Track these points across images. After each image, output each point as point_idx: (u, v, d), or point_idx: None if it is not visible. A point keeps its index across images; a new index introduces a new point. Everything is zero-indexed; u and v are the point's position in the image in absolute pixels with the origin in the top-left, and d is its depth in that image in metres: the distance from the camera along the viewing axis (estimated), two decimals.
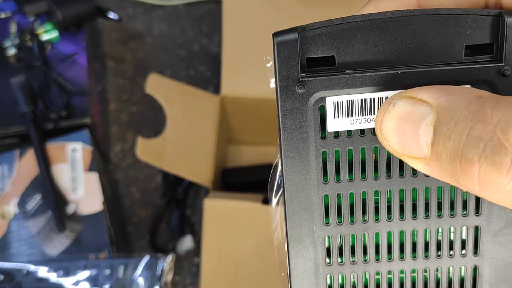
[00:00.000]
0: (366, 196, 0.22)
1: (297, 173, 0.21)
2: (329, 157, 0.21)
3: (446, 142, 0.18)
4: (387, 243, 0.22)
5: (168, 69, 0.63)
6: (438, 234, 0.22)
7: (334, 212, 0.22)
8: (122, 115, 0.61)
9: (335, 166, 0.21)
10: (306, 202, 0.22)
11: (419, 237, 0.22)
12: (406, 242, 0.22)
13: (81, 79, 0.56)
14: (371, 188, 0.21)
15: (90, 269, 0.46)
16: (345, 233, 0.22)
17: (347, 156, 0.21)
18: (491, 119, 0.17)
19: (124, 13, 0.65)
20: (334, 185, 0.22)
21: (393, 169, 0.21)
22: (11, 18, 0.58)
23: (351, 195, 0.22)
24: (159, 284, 0.45)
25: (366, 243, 0.22)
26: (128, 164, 0.59)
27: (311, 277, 0.22)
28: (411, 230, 0.22)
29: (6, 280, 0.46)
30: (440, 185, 0.21)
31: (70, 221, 0.50)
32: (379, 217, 0.22)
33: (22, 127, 0.53)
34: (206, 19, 0.65)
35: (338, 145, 0.21)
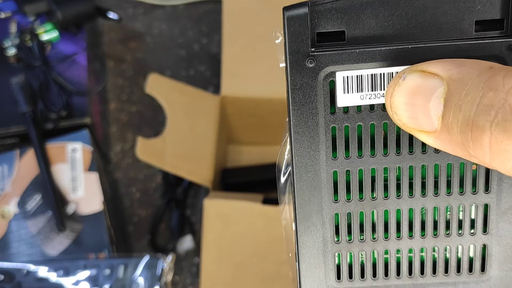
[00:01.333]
0: (375, 173, 0.21)
1: (306, 149, 0.21)
2: (338, 132, 0.21)
3: (456, 113, 0.18)
4: (396, 220, 0.22)
5: (168, 69, 0.63)
6: (447, 212, 0.22)
7: (343, 189, 0.22)
8: (122, 115, 0.61)
9: (344, 142, 0.21)
10: (315, 179, 0.22)
11: (428, 215, 0.22)
12: (415, 220, 0.22)
13: (81, 79, 0.56)
14: (380, 164, 0.21)
15: (90, 269, 0.46)
16: (353, 211, 0.22)
17: (357, 132, 0.21)
18: (503, 87, 0.17)
19: (124, 13, 0.65)
20: (343, 162, 0.21)
21: (402, 145, 0.21)
22: (11, 18, 0.58)
23: (360, 171, 0.21)
24: (159, 284, 0.45)
25: (375, 220, 0.22)
26: (128, 164, 0.59)
27: (319, 255, 0.22)
28: (420, 207, 0.22)
29: (6, 280, 0.46)
30: (450, 162, 0.21)
31: (70, 221, 0.50)
32: (388, 194, 0.22)
33: (22, 127, 0.53)
34: (206, 19, 0.65)
35: (347, 121, 0.21)
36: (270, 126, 0.57)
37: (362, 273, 0.22)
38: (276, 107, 0.54)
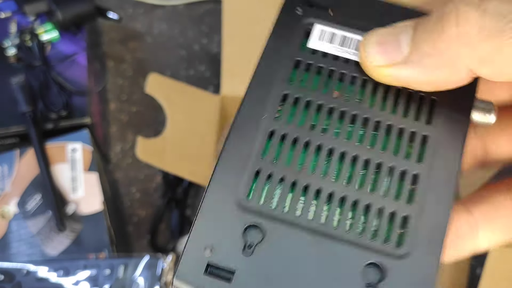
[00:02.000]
0: (321, 108, 0.23)
1: (268, 68, 0.24)
2: (301, 66, 0.23)
3: (426, 25, 0.21)
4: (326, 158, 0.22)
5: (168, 69, 0.63)
6: (377, 169, 0.22)
7: (287, 110, 0.22)
8: (122, 115, 0.61)
9: (303, 74, 0.23)
10: (265, 94, 0.23)
11: (358, 164, 0.22)
12: (344, 164, 0.22)
13: (81, 79, 0.56)
14: (329, 103, 0.23)
15: (90, 269, 0.46)
16: (290, 133, 0.22)
17: (317, 71, 0.23)
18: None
19: (124, 13, 0.65)
20: (297, 88, 0.23)
21: (354, 92, 0.23)
22: (11, 18, 0.58)
23: (308, 102, 0.23)
24: (159, 284, 0.45)
25: (307, 151, 0.22)
26: (128, 164, 0.59)
27: (239, 164, 0.22)
28: (353, 154, 0.22)
29: (6, 280, 0.46)
30: (392, 124, 0.22)
31: (70, 221, 0.50)
32: (327, 130, 0.22)
33: (22, 127, 0.53)
34: (206, 19, 0.65)
35: (312, 59, 0.24)
36: None
37: (274, 200, 0.21)
38: None
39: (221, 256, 0.20)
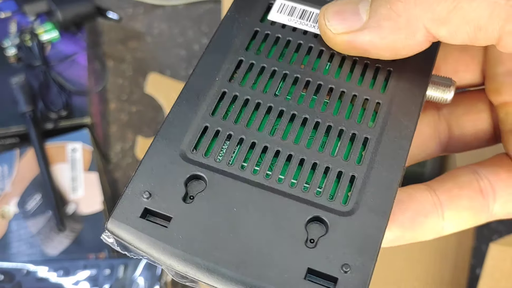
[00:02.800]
0: (276, 71, 0.23)
1: (227, 35, 0.24)
2: (259, 35, 0.24)
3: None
4: (276, 118, 0.22)
5: (168, 69, 0.63)
6: (329, 130, 0.22)
7: (242, 74, 0.23)
8: (122, 115, 0.61)
9: (260, 43, 0.24)
10: (221, 58, 0.23)
11: (309, 124, 0.22)
12: (295, 123, 0.22)
13: (81, 79, 0.56)
14: (283, 70, 0.23)
15: (90, 269, 0.46)
16: (241, 95, 0.22)
17: (274, 41, 0.24)
18: None
19: (124, 13, 0.65)
20: (252, 55, 0.23)
21: (310, 63, 0.23)
22: (11, 18, 0.58)
23: (263, 68, 0.23)
24: (159, 284, 0.45)
25: (258, 113, 0.22)
26: (128, 164, 0.59)
27: (188, 118, 0.22)
28: (304, 115, 0.22)
29: (6, 280, 0.46)
30: (345, 90, 0.23)
31: (70, 221, 0.50)
32: (279, 95, 0.22)
33: (22, 127, 0.53)
34: (206, 19, 0.65)
35: (270, 30, 0.24)
36: None
37: (220, 154, 0.21)
38: None
39: (160, 202, 0.20)
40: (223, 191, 0.20)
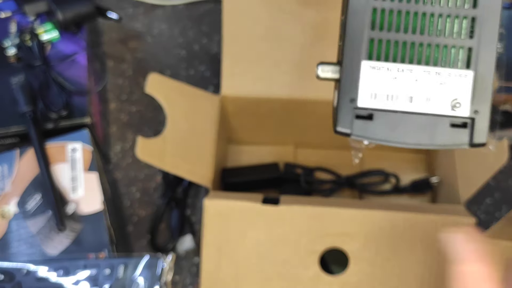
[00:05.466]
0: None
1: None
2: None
3: None
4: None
5: (168, 69, 0.63)
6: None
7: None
8: (122, 115, 0.61)
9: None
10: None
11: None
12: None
13: (81, 79, 0.56)
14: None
15: (90, 269, 0.46)
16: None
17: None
18: None
19: (124, 13, 0.65)
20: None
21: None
22: (11, 18, 0.58)
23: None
24: (159, 284, 0.45)
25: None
26: (128, 164, 0.59)
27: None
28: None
29: (6, 280, 0.46)
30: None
31: (70, 221, 0.50)
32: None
33: (22, 127, 0.53)
34: (206, 19, 0.65)
35: None
36: (270, 126, 0.58)
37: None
38: (276, 107, 0.54)
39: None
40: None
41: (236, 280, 0.46)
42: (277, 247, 0.46)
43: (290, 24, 0.52)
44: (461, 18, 0.28)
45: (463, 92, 0.29)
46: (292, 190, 0.56)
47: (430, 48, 0.29)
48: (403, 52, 0.29)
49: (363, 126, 0.29)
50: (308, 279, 0.45)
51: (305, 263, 0.45)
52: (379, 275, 0.45)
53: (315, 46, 0.52)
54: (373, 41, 0.29)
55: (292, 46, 0.52)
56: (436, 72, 0.29)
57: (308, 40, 0.52)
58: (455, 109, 0.29)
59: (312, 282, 0.45)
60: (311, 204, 0.46)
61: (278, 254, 0.46)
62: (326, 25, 0.52)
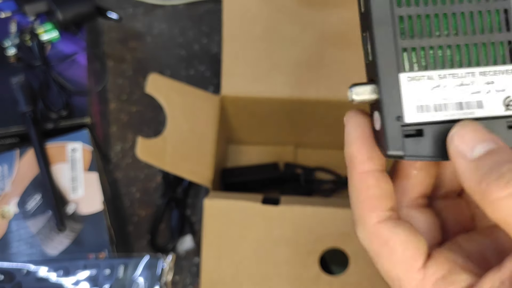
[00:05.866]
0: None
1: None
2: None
3: None
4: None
5: (168, 69, 0.63)
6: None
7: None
8: (122, 115, 0.61)
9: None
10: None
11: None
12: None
13: (81, 79, 0.56)
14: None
15: (90, 269, 0.46)
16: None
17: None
18: None
19: (124, 12, 0.65)
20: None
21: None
22: (11, 18, 0.58)
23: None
24: (159, 284, 0.45)
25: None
26: (128, 164, 0.59)
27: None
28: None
29: (6, 280, 0.46)
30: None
31: (70, 221, 0.50)
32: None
33: (22, 127, 0.53)
34: (206, 19, 0.65)
35: None
36: (270, 126, 0.57)
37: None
38: (276, 107, 0.54)
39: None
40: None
41: (236, 280, 0.46)
42: (277, 247, 0.46)
43: (290, 24, 0.52)
44: (494, 12, 0.27)
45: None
46: (292, 190, 0.56)
47: (468, 48, 0.27)
48: (441, 57, 0.27)
49: (415, 145, 0.26)
50: (308, 279, 0.45)
51: (305, 263, 0.45)
52: (379, 275, 0.45)
53: (315, 46, 0.52)
54: (406, 50, 0.27)
55: (292, 46, 0.52)
56: (481, 72, 0.27)
57: (308, 40, 0.52)
58: (510, 108, 0.27)
59: (312, 282, 0.45)
60: (311, 204, 0.46)
61: (278, 254, 0.46)
62: (326, 25, 0.52)
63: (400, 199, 0.29)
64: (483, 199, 0.24)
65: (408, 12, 0.27)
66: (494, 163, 0.24)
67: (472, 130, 0.25)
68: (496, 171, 0.23)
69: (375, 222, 0.27)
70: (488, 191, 0.23)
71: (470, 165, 0.24)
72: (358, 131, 0.28)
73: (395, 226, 0.27)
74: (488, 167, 0.24)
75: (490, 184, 0.23)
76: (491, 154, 0.24)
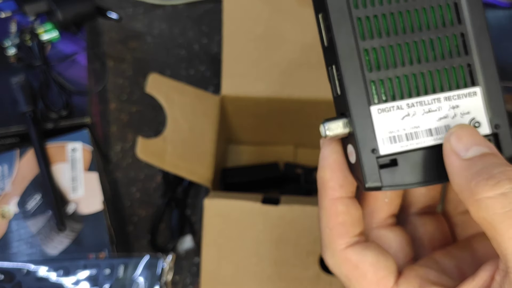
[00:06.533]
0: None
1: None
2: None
3: None
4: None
5: (168, 69, 0.63)
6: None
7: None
8: (122, 115, 0.61)
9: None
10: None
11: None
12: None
13: (81, 79, 0.56)
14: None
15: (90, 269, 0.46)
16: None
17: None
18: None
19: (124, 12, 0.65)
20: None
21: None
22: (11, 18, 0.58)
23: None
24: (159, 284, 0.45)
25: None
26: (128, 164, 0.59)
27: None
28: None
29: (6, 280, 0.46)
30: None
31: (70, 221, 0.50)
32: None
33: (22, 127, 0.53)
34: (206, 19, 0.65)
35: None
36: (270, 126, 0.58)
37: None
38: (276, 107, 0.54)
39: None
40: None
41: (236, 280, 0.46)
42: (277, 247, 0.46)
43: (290, 24, 0.52)
44: (451, 37, 0.27)
45: (478, 110, 0.27)
46: (292, 190, 0.56)
47: (431, 75, 0.27)
48: (407, 86, 0.27)
49: (391, 175, 0.27)
50: (308, 279, 0.45)
51: (305, 263, 0.45)
52: None
53: (315, 46, 0.52)
54: (374, 83, 0.27)
55: (292, 46, 0.52)
56: (445, 97, 0.27)
57: (308, 40, 0.52)
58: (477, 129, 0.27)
59: (312, 282, 0.45)
60: (311, 204, 0.46)
61: (278, 254, 0.46)
62: None
63: (369, 221, 0.30)
64: (470, 197, 0.24)
65: (372, 45, 0.27)
66: (486, 164, 0.24)
67: (469, 133, 0.26)
68: (487, 172, 0.24)
69: (343, 248, 0.27)
70: (476, 189, 0.24)
71: (462, 163, 0.25)
72: (332, 157, 0.28)
73: (363, 249, 0.27)
74: (480, 167, 0.24)
75: (479, 183, 0.24)
76: (485, 156, 0.25)
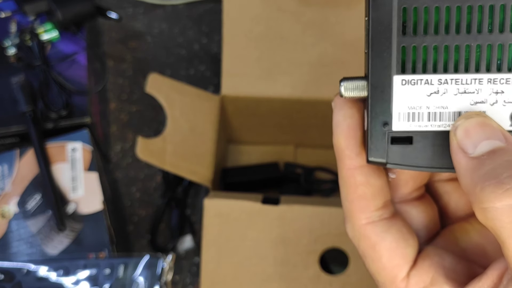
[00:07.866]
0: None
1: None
2: None
3: None
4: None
5: (168, 69, 0.63)
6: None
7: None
8: (122, 114, 0.61)
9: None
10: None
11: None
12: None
13: (81, 78, 0.56)
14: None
15: (90, 269, 0.46)
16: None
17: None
18: None
19: (124, 12, 0.65)
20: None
21: None
22: (11, 18, 0.58)
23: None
24: (159, 284, 0.45)
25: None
26: (128, 164, 0.59)
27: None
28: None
29: (6, 280, 0.46)
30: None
31: (70, 221, 0.50)
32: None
33: (22, 127, 0.53)
34: (206, 19, 0.65)
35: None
36: (270, 126, 0.58)
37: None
38: (276, 107, 0.54)
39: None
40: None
41: (236, 280, 0.46)
42: (277, 247, 0.46)
43: (290, 24, 0.52)
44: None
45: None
46: (292, 190, 0.56)
47: (479, 51, 0.23)
48: (445, 59, 0.23)
49: (401, 152, 0.24)
50: (308, 279, 0.45)
51: (305, 263, 0.45)
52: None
53: (315, 46, 0.52)
54: (405, 49, 0.23)
55: (292, 46, 0.52)
56: (489, 80, 0.23)
57: (308, 40, 0.52)
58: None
59: (312, 282, 0.45)
60: (311, 204, 0.46)
61: (278, 254, 0.46)
62: (326, 25, 0.52)
63: (393, 194, 0.27)
64: (475, 203, 0.21)
65: (414, 3, 0.23)
66: (495, 164, 0.21)
67: (478, 125, 0.23)
68: (495, 176, 0.21)
69: (364, 224, 0.26)
70: (482, 197, 0.21)
71: (469, 163, 0.22)
72: (346, 123, 0.25)
73: (385, 230, 0.26)
74: (488, 168, 0.21)
75: (486, 189, 0.21)
76: (495, 153, 0.22)
